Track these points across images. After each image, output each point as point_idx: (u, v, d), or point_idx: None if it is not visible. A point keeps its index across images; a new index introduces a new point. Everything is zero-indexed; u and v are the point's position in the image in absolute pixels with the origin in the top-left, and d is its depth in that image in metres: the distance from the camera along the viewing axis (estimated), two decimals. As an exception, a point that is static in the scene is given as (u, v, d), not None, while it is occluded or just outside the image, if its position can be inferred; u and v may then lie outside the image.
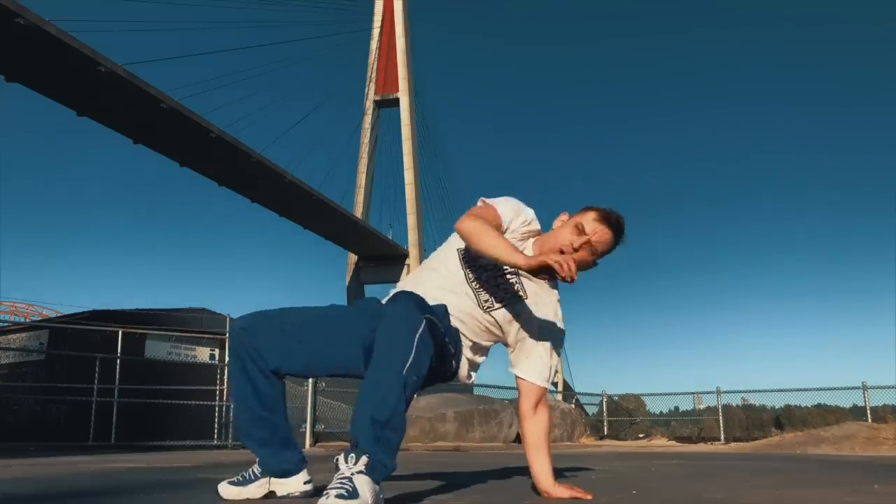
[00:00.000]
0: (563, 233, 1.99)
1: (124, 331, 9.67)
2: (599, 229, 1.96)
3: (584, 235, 1.96)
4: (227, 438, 9.61)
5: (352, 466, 1.51)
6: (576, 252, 1.95)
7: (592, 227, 1.96)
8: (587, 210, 2.01)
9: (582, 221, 1.97)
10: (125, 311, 11.08)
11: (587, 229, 1.96)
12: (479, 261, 1.98)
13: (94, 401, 8.71)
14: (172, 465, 4.20)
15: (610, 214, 1.99)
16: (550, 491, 1.97)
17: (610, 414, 16.42)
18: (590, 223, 1.96)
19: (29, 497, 2.22)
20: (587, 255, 1.98)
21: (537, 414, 2.04)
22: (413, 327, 1.64)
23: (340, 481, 1.48)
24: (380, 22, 40.86)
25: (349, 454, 1.53)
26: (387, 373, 1.61)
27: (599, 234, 1.96)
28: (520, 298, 2.00)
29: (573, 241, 1.95)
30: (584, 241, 1.95)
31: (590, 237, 1.95)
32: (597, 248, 1.97)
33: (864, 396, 12.45)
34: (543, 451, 2.02)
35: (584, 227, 1.96)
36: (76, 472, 3.44)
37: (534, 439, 2.03)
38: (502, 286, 1.99)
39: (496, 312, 1.99)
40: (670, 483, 2.83)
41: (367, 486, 1.49)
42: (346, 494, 1.45)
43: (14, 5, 18.71)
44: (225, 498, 1.95)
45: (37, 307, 23.70)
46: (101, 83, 21.86)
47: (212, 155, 27.40)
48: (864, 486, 2.66)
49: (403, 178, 40.47)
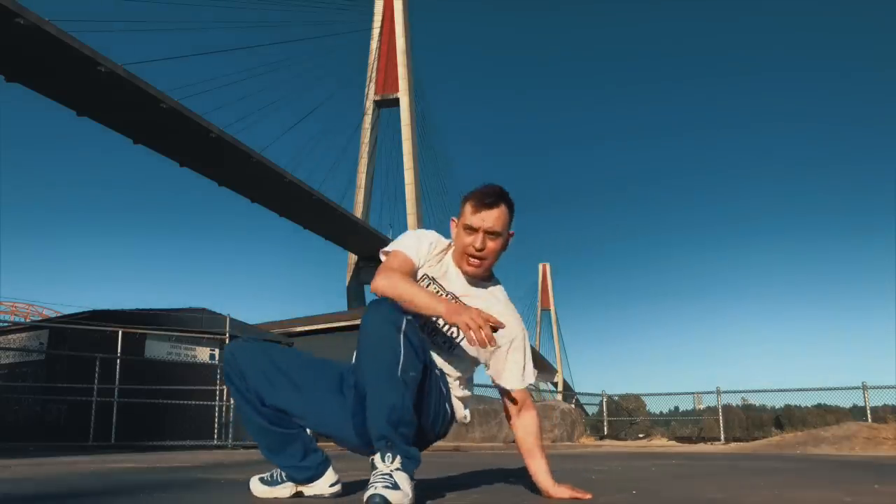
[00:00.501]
0: (460, 240, 1.96)
1: (124, 331, 9.66)
2: (484, 216, 1.91)
3: (475, 231, 1.92)
4: (227, 438, 9.60)
5: (390, 465, 1.65)
6: (482, 251, 1.93)
7: (478, 218, 1.92)
8: (463, 204, 1.97)
9: (466, 220, 1.93)
10: (125, 311, 11.05)
11: (474, 223, 1.92)
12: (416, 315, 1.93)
13: (94, 401, 8.71)
14: (172, 465, 4.20)
15: (484, 196, 1.93)
16: (550, 491, 1.98)
17: (610, 414, 16.42)
18: (472, 217, 1.92)
19: (29, 497, 2.22)
20: (493, 242, 1.94)
21: (523, 415, 2.04)
22: (396, 326, 1.70)
23: (383, 476, 1.62)
24: (380, 22, 40.85)
25: (385, 454, 1.66)
26: (386, 380, 1.69)
27: (489, 220, 1.92)
28: None
29: (472, 242, 1.92)
30: (479, 236, 1.92)
31: (481, 227, 1.92)
32: (494, 230, 1.93)
33: (864, 396, 12.45)
34: (537, 451, 2.02)
35: (471, 223, 1.92)
36: (76, 472, 3.44)
37: (526, 442, 2.04)
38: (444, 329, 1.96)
39: (459, 346, 1.98)
40: (670, 483, 2.83)
41: (405, 481, 1.64)
42: (392, 486, 1.60)
43: (14, 5, 18.71)
44: (256, 495, 2.01)
45: (37, 307, 23.64)
46: (101, 83, 21.86)
47: (212, 155, 27.40)
48: (864, 486, 2.65)
49: (403, 178, 40.48)
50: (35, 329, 11.02)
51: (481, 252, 1.94)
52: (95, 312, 10.80)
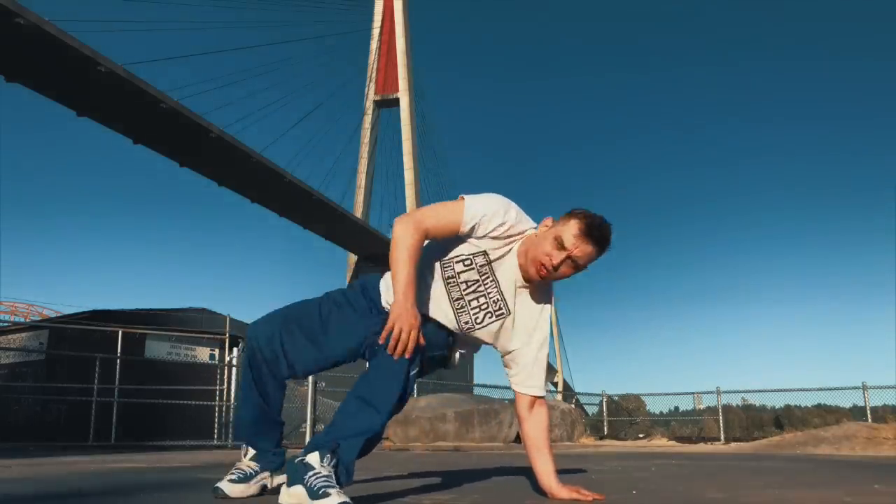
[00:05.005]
0: (543, 244, 1.86)
1: (124, 331, 9.67)
2: (580, 245, 1.84)
3: (563, 251, 1.84)
4: (227, 438, 9.60)
5: (328, 466, 1.58)
6: (557, 270, 1.86)
7: (573, 243, 1.84)
8: (569, 218, 1.88)
9: (562, 235, 1.85)
10: (125, 311, 11.06)
11: (567, 245, 1.84)
12: (458, 277, 1.91)
13: (94, 401, 8.70)
14: (172, 465, 4.19)
15: (592, 227, 1.85)
16: (554, 491, 1.96)
17: (610, 414, 16.41)
18: (570, 238, 1.84)
19: (29, 497, 2.22)
20: (568, 268, 1.88)
21: (534, 414, 2.03)
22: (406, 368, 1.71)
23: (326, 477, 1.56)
24: (380, 22, 40.84)
25: (324, 454, 1.59)
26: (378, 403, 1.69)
27: (580, 251, 1.85)
28: (503, 315, 1.94)
29: (553, 255, 1.84)
30: (563, 257, 1.85)
31: (570, 252, 1.84)
32: (578, 262, 1.87)
33: (864, 396, 12.45)
34: (544, 450, 2.01)
35: (564, 241, 1.84)
36: (76, 472, 3.44)
37: (534, 440, 2.02)
38: (484, 307, 1.92)
39: (477, 332, 1.95)
40: (670, 483, 2.83)
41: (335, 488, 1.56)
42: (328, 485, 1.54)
43: (14, 5, 18.71)
44: (233, 496, 1.98)
45: (37, 307, 23.69)
46: (101, 83, 21.86)
47: (212, 155, 27.41)
48: (864, 486, 2.65)
49: (403, 178, 40.48)
50: (35, 329, 11.03)
51: (556, 272, 1.87)
52: (95, 312, 10.81)
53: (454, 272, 1.92)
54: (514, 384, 2.04)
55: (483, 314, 1.93)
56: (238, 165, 28.47)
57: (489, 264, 1.92)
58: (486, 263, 1.92)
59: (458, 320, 1.92)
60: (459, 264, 1.91)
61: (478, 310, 1.92)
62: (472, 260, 1.91)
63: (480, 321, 1.93)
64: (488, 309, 1.93)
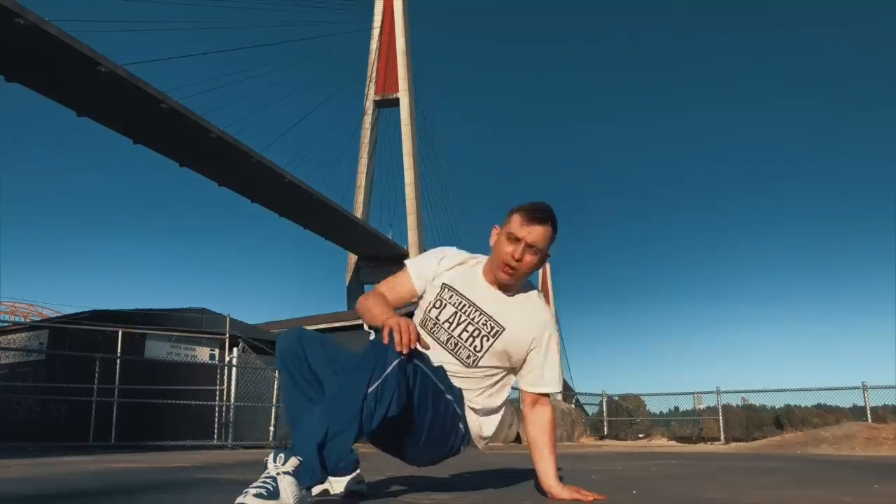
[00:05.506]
0: (500, 247, 1.96)
1: (124, 331, 9.65)
2: (530, 229, 1.93)
3: (518, 241, 1.93)
4: (227, 438, 9.59)
5: (279, 466, 1.51)
6: (519, 262, 1.93)
7: (523, 231, 1.93)
8: (511, 215, 1.98)
9: (511, 230, 1.95)
10: (125, 311, 11.04)
11: (520, 235, 1.93)
12: (438, 320, 1.97)
13: (94, 401, 8.69)
14: (172, 465, 4.20)
15: (532, 210, 1.95)
16: (554, 491, 1.96)
17: (610, 414, 16.40)
18: (519, 228, 1.94)
19: (29, 497, 2.22)
20: (532, 256, 1.95)
21: (537, 413, 2.02)
22: (391, 357, 1.67)
23: (264, 480, 1.49)
24: (380, 22, 40.87)
25: (278, 454, 1.54)
26: (349, 392, 1.63)
27: (532, 234, 1.93)
28: (498, 333, 1.96)
29: (512, 252, 1.93)
30: (521, 247, 1.93)
31: (525, 239, 1.93)
32: (536, 245, 1.94)
33: (864, 396, 12.44)
34: (546, 449, 2.00)
35: (515, 233, 1.94)
36: (76, 472, 3.44)
37: (535, 440, 2.01)
38: (475, 333, 1.95)
39: (484, 359, 1.96)
40: (670, 483, 2.83)
41: (290, 488, 1.48)
42: (266, 494, 1.45)
43: (14, 5, 18.72)
44: None
45: (37, 307, 23.66)
46: (101, 83, 21.86)
47: (211, 155, 27.41)
48: (864, 486, 2.66)
49: (403, 178, 40.50)
50: (35, 329, 11.02)
51: (518, 263, 1.94)
52: (95, 312, 10.80)
53: (433, 319, 1.98)
54: (522, 385, 2.02)
55: (479, 340, 1.94)
56: (238, 165, 28.47)
57: (457, 293, 1.99)
58: (455, 293, 1.99)
59: (459, 358, 1.94)
60: (433, 310, 1.98)
61: (471, 338, 1.94)
62: (440, 298, 1.99)
63: (480, 348, 1.94)
64: (481, 333, 1.95)
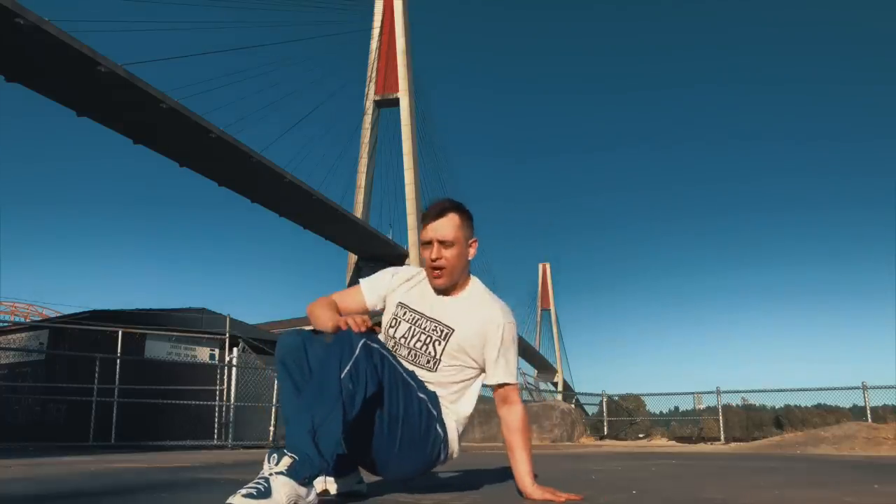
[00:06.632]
0: (422, 257, 2.06)
1: (124, 331, 9.65)
2: (434, 226, 2.00)
3: (430, 244, 2.00)
4: (227, 438, 9.59)
5: (273, 467, 1.53)
6: (437, 261, 1.99)
7: (430, 233, 2.00)
8: (419, 223, 2.12)
9: (421, 237, 2.05)
10: (125, 311, 11.05)
11: (426, 236, 2.02)
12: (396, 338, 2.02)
13: (94, 401, 8.70)
14: (172, 465, 4.20)
15: (429, 210, 2.04)
16: (528, 491, 1.95)
17: (610, 414, 16.40)
18: (424, 232, 2.03)
19: (29, 497, 2.22)
20: (449, 249, 1.99)
21: (507, 412, 2.03)
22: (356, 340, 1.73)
23: (256, 481, 1.50)
24: (380, 22, 40.84)
25: (272, 454, 1.56)
26: (325, 379, 1.67)
27: (439, 231, 2.00)
28: (448, 334, 2.00)
29: (429, 255, 2.01)
30: (434, 248, 2.00)
31: (433, 238, 2.00)
32: (447, 239, 1.99)
33: (864, 396, 12.43)
34: (518, 450, 1.99)
35: (424, 238, 2.03)
36: (76, 472, 3.44)
37: (509, 440, 2.02)
38: (427, 341, 2.00)
39: (443, 361, 1.99)
40: (670, 483, 2.83)
41: (283, 488, 1.49)
42: (256, 494, 1.45)
43: (14, 5, 18.71)
44: None
45: (37, 307, 23.68)
46: (101, 83, 21.85)
47: (212, 155, 27.39)
48: (864, 486, 2.66)
49: (403, 178, 40.46)
50: (35, 329, 11.03)
51: (437, 262, 1.99)
52: (95, 312, 10.81)
53: (393, 338, 2.04)
54: (487, 382, 2.06)
55: (431, 345, 1.99)
56: (238, 165, 28.46)
57: (410, 309, 2.05)
58: (408, 309, 2.05)
59: (421, 366, 1.99)
60: (390, 329, 2.05)
61: (425, 346, 2.00)
62: (395, 316, 2.06)
63: (434, 353, 1.99)
64: (433, 338, 2.00)
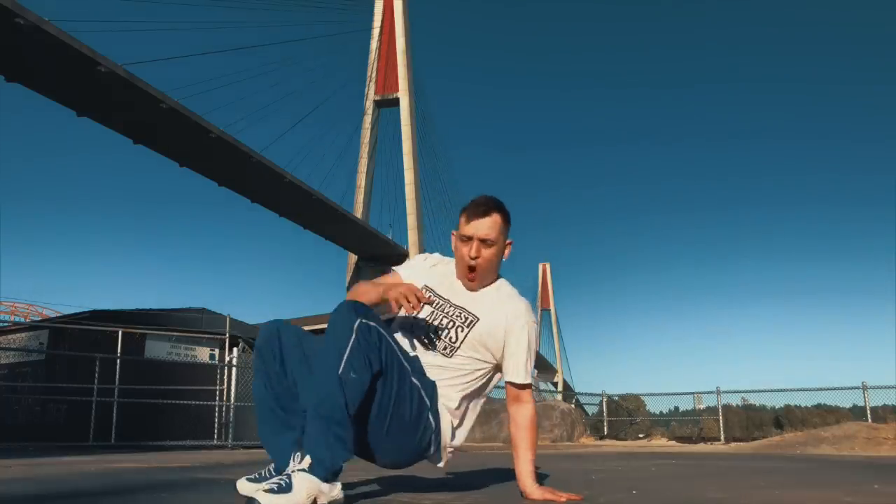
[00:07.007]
0: (457, 251, 2.03)
1: (124, 331, 9.66)
2: (476, 224, 1.98)
3: (471, 241, 1.98)
4: (227, 438, 9.58)
5: (295, 464, 1.59)
6: (476, 259, 1.98)
7: (472, 227, 1.98)
8: (460, 216, 2.04)
9: (462, 231, 2.00)
10: (125, 311, 11.06)
11: (468, 232, 1.98)
12: (417, 320, 2.00)
13: (94, 401, 8.69)
14: (172, 465, 4.19)
15: (477, 206, 2.00)
16: (528, 491, 1.95)
17: (610, 414, 16.40)
18: (466, 227, 1.99)
19: (29, 497, 2.22)
20: (488, 248, 1.98)
21: (516, 410, 2.03)
22: (350, 324, 1.71)
23: (280, 478, 1.55)
24: (380, 22, 40.82)
25: (296, 452, 1.63)
26: (325, 371, 1.68)
27: (482, 229, 1.97)
28: (472, 323, 1.99)
29: (468, 251, 1.98)
30: (474, 245, 1.98)
31: (475, 236, 1.97)
32: (487, 238, 1.98)
33: (864, 396, 12.43)
34: (522, 449, 1.99)
35: (465, 233, 1.99)
36: (76, 472, 3.44)
37: (514, 438, 2.03)
38: (450, 325, 1.99)
39: (461, 350, 1.98)
40: (670, 483, 2.83)
41: (304, 484, 1.54)
42: (276, 489, 1.51)
43: (14, 5, 18.71)
44: (242, 493, 1.93)
45: (37, 307, 23.72)
46: (101, 83, 21.85)
47: (212, 155, 27.38)
48: (864, 486, 2.66)
49: (403, 179, 40.44)
50: (35, 329, 11.04)
51: (476, 260, 1.98)
52: (95, 312, 10.82)
53: (415, 320, 2.01)
54: (504, 378, 2.05)
55: (454, 331, 1.98)
56: (238, 165, 28.45)
57: (434, 293, 2.05)
58: (432, 292, 2.05)
59: (437, 350, 1.97)
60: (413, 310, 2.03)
61: (446, 331, 1.98)
62: None
63: (455, 339, 1.98)
64: (457, 324, 1.99)
